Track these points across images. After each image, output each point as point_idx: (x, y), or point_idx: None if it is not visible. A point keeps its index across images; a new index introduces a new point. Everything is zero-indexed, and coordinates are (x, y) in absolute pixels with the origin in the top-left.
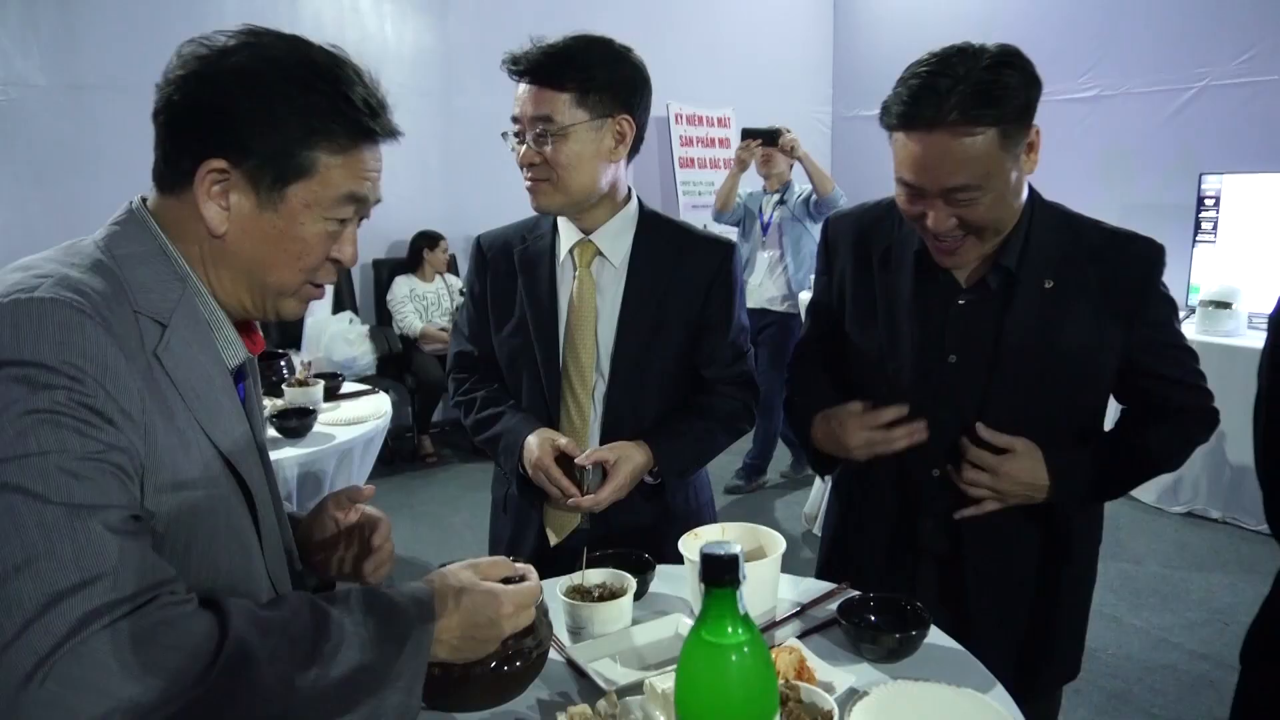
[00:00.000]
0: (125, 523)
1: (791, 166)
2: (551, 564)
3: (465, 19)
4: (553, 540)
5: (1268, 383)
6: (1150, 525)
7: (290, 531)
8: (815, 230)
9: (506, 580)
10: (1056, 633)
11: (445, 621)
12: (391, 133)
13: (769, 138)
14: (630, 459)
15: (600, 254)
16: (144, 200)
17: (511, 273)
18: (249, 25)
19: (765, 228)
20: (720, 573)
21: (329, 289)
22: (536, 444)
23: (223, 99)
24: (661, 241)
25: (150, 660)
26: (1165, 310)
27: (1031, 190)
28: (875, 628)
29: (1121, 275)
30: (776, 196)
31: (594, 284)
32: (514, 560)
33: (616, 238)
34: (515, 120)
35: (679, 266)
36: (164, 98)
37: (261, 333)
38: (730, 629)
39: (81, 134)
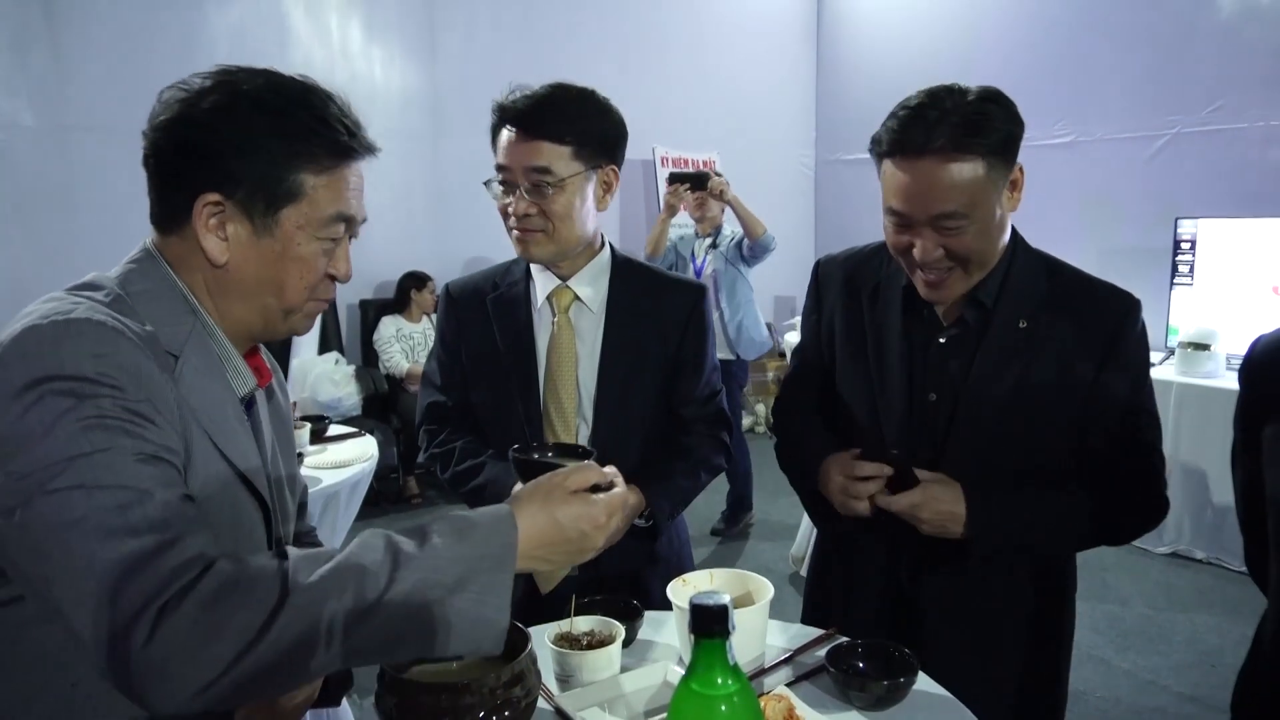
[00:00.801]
0: (184, 501)
1: (724, 210)
2: (539, 610)
3: (453, 63)
4: (543, 589)
5: (1240, 435)
6: (1135, 566)
7: None
8: (749, 274)
9: (595, 489)
10: (1040, 677)
11: (532, 534)
12: (369, 149)
13: (697, 182)
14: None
15: (578, 299)
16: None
17: (486, 320)
18: (222, 65)
19: (698, 273)
20: (710, 624)
21: (316, 330)
22: None
23: (207, 136)
24: (636, 285)
25: (222, 617)
26: (1137, 360)
27: (1015, 233)
28: (863, 675)
29: (1095, 322)
30: (708, 240)
31: (573, 329)
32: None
33: (593, 283)
34: (500, 169)
35: (654, 309)
36: (151, 143)
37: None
38: (720, 680)
39: (70, 175)
